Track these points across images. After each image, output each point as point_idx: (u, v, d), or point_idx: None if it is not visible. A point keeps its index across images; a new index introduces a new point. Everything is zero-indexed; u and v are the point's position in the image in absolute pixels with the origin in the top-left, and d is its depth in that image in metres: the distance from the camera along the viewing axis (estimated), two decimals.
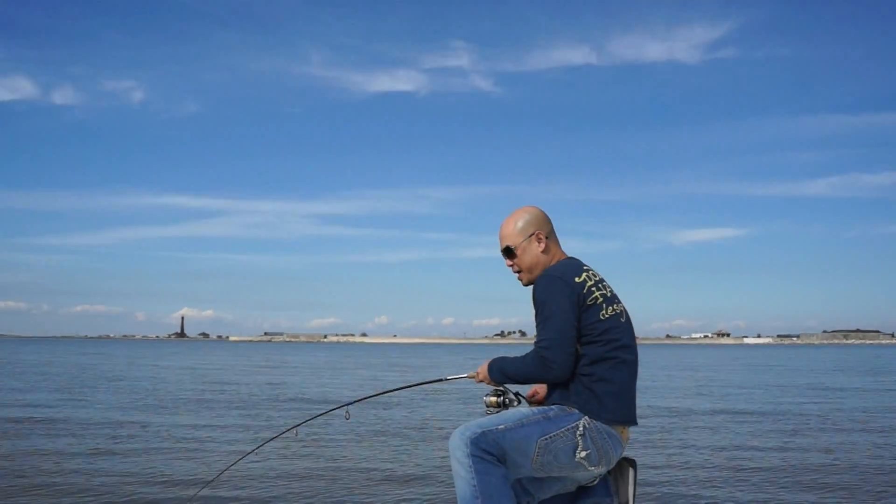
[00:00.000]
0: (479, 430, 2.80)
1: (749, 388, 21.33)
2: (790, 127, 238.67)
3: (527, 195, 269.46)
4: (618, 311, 3.00)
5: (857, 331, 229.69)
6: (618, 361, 2.92)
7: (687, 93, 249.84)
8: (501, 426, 2.82)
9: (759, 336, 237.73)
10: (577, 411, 2.88)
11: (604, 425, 2.88)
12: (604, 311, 2.93)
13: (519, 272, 3.17)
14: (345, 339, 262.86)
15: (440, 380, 3.51)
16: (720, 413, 13.89)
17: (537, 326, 2.93)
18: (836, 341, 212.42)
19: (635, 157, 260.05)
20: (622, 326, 2.99)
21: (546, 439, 2.82)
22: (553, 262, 3.11)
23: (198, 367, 34.23)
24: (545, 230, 3.15)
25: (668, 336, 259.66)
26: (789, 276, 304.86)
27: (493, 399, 3.10)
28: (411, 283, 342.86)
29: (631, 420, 2.97)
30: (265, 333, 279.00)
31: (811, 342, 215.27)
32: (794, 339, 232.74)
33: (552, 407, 2.93)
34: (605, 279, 3.11)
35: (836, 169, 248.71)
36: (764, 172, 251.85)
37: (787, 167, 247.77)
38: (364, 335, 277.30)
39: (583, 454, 2.85)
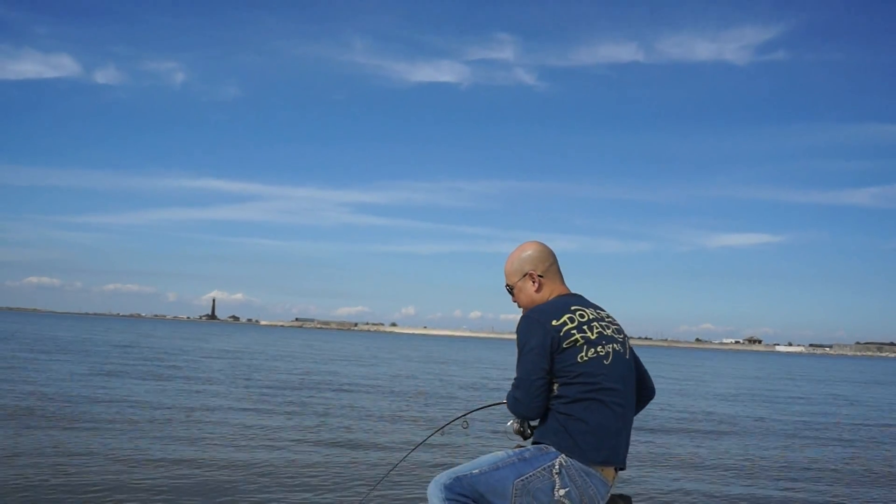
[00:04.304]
0: (454, 476, 2.85)
1: None
2: (836, 134, 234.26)
3: (563, 192, 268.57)
4: (602, 354, 2.96)
5: (892, 344, 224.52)
6: (596, 402, 2.91)
7: (734, 94, 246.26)
8: (476, 470, 2.87)
9: (790, 344, 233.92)
10: (553, 450, 2.90)
11: (580, 464, 2.88)
12: (583, 354, 2.93)
13: (521, 308, 3.24)
14: (375, 328, 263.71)
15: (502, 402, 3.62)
16: None
17: (516, 364, 3.05)
18: (869, 353, 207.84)
19: (675, 158, 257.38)
20: (606, 369, 2.96)
21: (522, 480, 2.85)
22: (549, 300, 3.14)
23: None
24: (540, 269, 3.18)
25: (697, 340, 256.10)
26: (822, 285, 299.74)
27: (516, 426, 3.18)
28: (441, 275, 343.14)
29: (610, 461, 2.93)
30: (296, 319, 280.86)
31: (844, 353, 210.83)
32: (827, 349, 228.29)
33: (528, 448, 2.98)
34: (605, 318, 3.10)
35: (880, 179, 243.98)
36: (805, 179, 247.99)
37: (830, 175, 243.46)
38: (394, 325, 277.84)
39: (562, 492, 2.84)
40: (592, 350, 2.95)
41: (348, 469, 8.22)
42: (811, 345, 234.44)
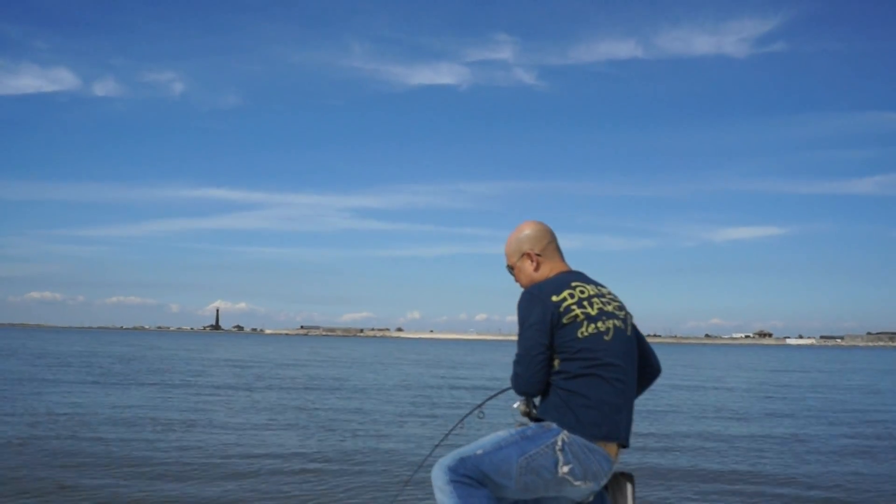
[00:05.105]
0: (458, 458, 2.84)
1: None
2: (839, 123, 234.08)
3: (565, 191, 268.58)
4: (603, 330, 2.97)
5: None
6: (596, 378, 2.91)
7: (734, 87, 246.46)
8: (479, 451, 2.86)
9: (801, 337, 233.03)
10: (555, 427, 2.90)
11: (583, 440, 2.87)
12: (583, 330, 2.94)
13: (522, 287, 3.22)
14: (381, 333, 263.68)
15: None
16: None
17: (517, 340, 3.06)
18: (881, 344, 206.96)
19: (677, 153, 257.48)
20: (606, 345, 2.96)
21: (526, 458, 2.84)
22: (549, 277, 3.14)
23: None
24: (538, 248, 3.19)
25: (707, 336, 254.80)
26: (830, 276, 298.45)
27: (523, 407, 3.15)
28: (445, 278, 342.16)
29: (612, 436, 2.92)
30: (301, 327, 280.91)
31: (855, 344, 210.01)
32: (838, 340, 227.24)
33: (530, 426, 2.97)
34: (606, 294, 3.10)
35: (884, 167, 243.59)
36: (810, 170, 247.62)
37: (835, 165, 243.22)
38: (400, 330, 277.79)
39: (565, 468, 2.84)
40: (593, 326, 2.97)
41: (366, 471, 8.11)
42: (822, 337, 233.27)
